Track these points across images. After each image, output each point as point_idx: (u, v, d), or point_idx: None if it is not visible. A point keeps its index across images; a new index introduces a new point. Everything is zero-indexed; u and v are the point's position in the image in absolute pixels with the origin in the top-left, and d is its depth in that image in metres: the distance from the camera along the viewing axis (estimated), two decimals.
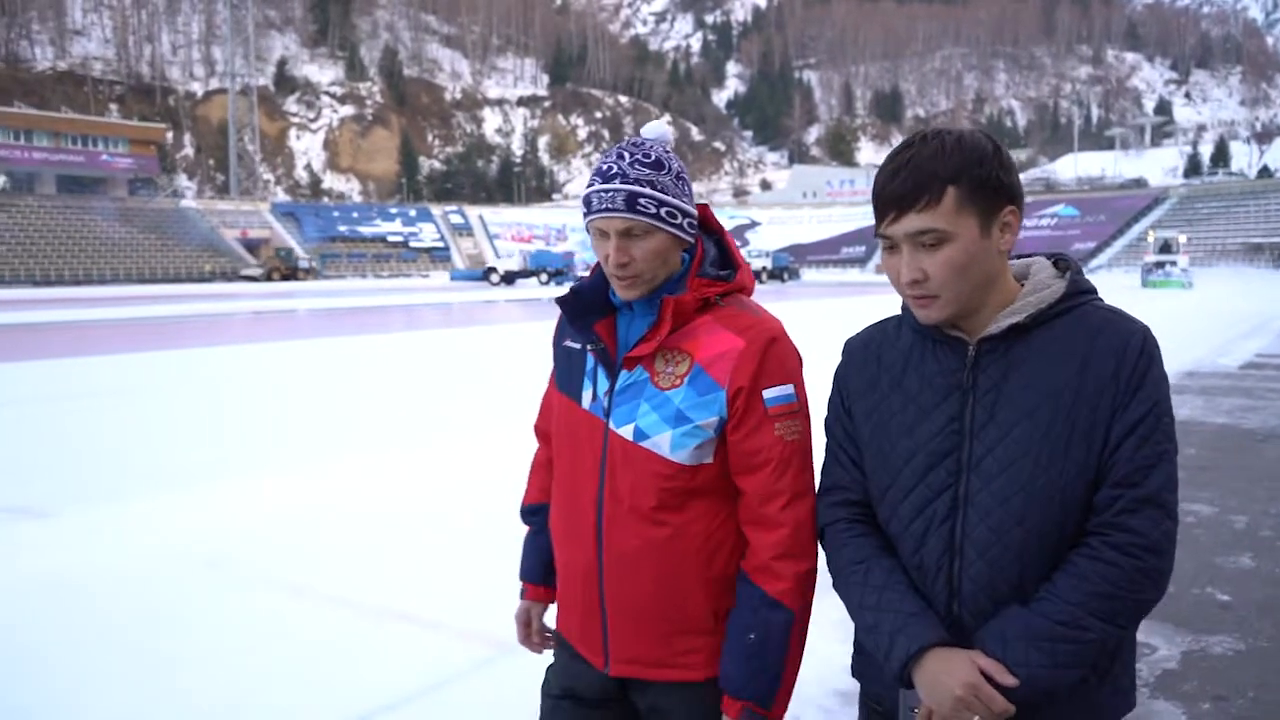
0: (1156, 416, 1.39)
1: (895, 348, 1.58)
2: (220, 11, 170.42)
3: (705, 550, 1.69)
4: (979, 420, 1.45)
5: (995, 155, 1.42)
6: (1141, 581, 1.36)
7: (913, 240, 1.42)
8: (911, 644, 1.43)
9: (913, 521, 1.50)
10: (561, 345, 1.84)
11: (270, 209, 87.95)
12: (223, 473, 6.84)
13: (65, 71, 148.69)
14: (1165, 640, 3.82)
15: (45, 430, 8.83)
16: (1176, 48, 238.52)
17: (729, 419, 1.66)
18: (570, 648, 1.84)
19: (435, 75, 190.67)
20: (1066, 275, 1.50)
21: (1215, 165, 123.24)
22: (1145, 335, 1.42)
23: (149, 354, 16.38)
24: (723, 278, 1.73)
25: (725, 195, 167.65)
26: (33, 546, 5.13)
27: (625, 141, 1.70)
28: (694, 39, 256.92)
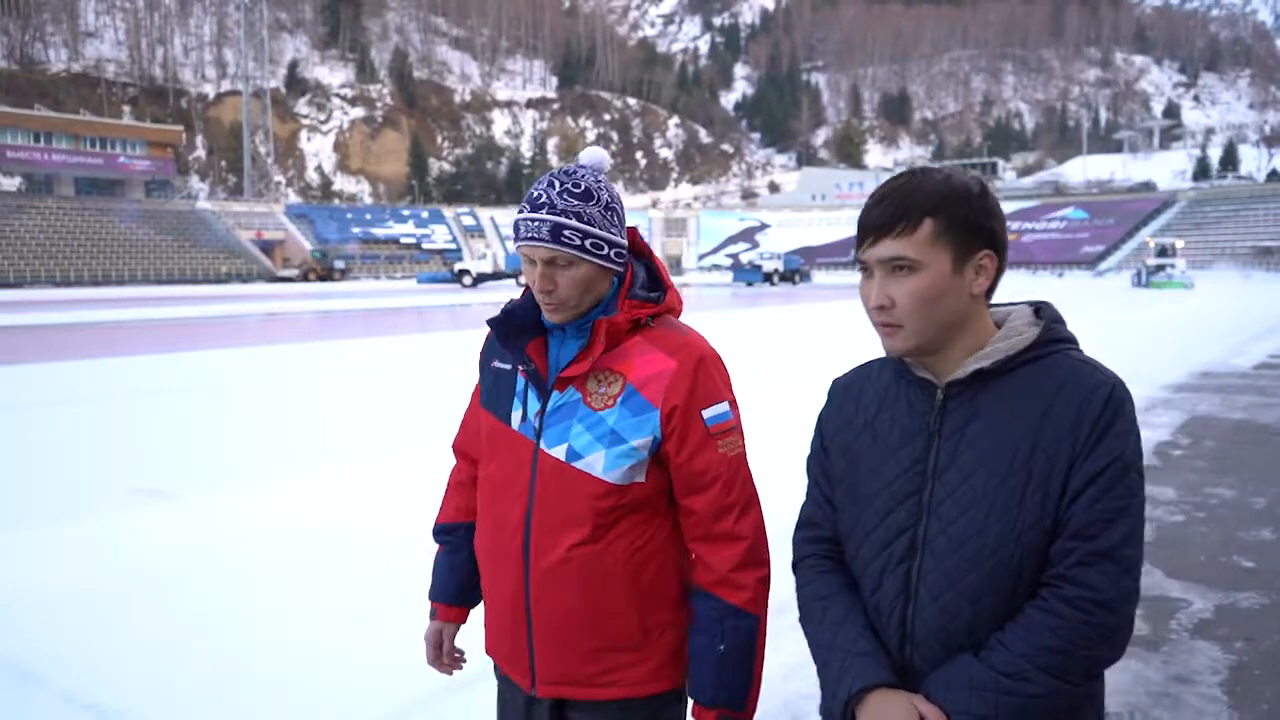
0: (1120, 469, 1.36)
1: (874, 387, 1.59)
2: (232, 14, 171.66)
3: (632, 565, 1.71)
4: (942, 463, 1.45)
5: (980, 198, 1.43)
6: (1091, 637, 1.34)
7: (885, 266, 1.43)
8: (855, 683, 1.43)
9: (873, 561, 1.50)
10: (490, 365, 1.85)
11: (284, 211, 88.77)
12: (241, 477, 6.83)
13: (79, 74, 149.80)
14: (1199, 597, 4.42)
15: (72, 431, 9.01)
16: (1185, 50, 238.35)
17: (664, 439, 1.68)
18: (498, 669, 1.86)
19: (445, 77, 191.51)
20: (1042, 324, 1.49)
21: (1224, 169, 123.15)
22: (1114, 387, 1.39)
23: (214, 351, 17.04)
24: (652, 299, 1.76)
25: (734, 197, 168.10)
26: (46, 549, 5.11)
27: (558, 169, 1.72)
28: (702, 41, 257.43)
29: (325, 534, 5.42)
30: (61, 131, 77.84)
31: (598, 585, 1.71)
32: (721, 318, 25.76)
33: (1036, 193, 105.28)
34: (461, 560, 1.94)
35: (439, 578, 1.98)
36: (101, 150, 78.94)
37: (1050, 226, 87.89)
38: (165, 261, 71.30)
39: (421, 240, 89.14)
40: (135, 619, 4.16)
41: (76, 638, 3.94)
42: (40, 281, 63.22)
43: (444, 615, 1.97)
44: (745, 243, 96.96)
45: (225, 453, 7.96)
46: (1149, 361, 13.63)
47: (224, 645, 3.86)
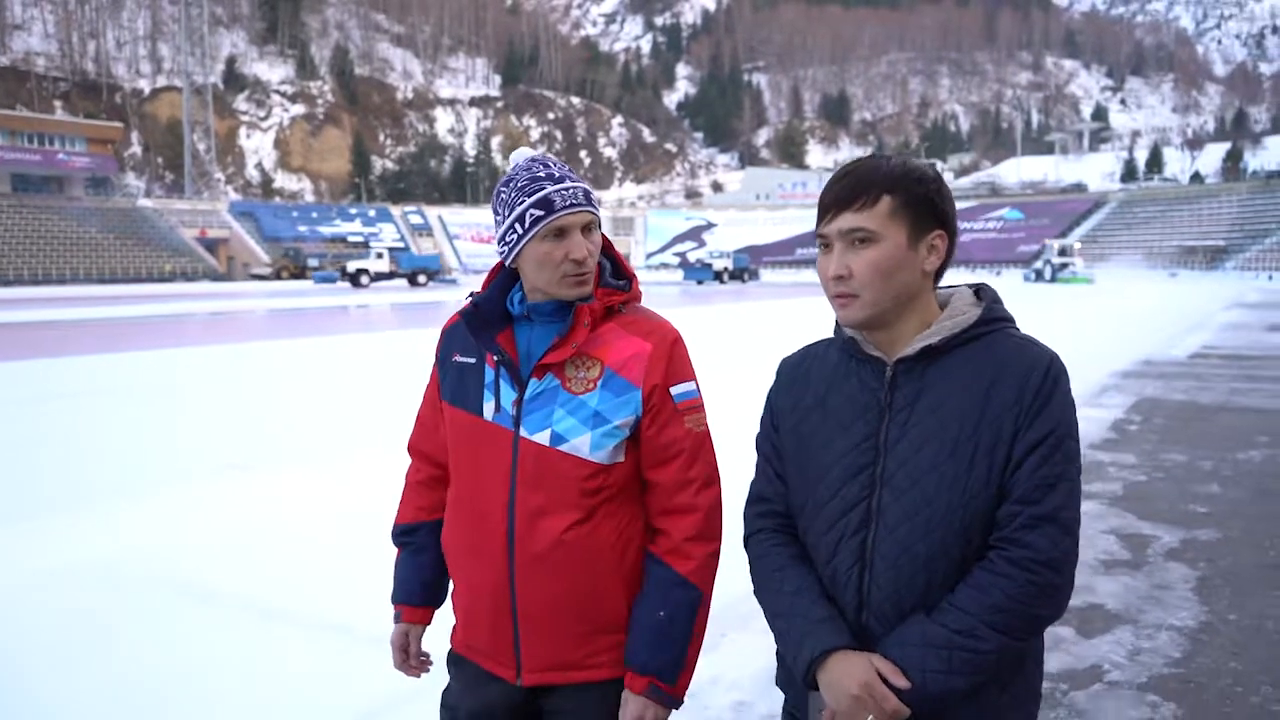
0: (1058, 439, 1.44)
1: (823, 366, 1.66)
2: (166, 8, 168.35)
3: (618, 547, 1.76)
4: (892, 437, 1.52)
5: (935, 181, 1.53)
6: (1036, 595, 1.42)
7: (844, 238, 1.52)
8: (816, 647, 1.50)
9: (827, 532, 1.56)
10: (451, 360, 1.87)
11: (228, 208, 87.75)
12: (224, 474, 6.75)
13: (7, 67, 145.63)
14: (1166, 533, 5.42)
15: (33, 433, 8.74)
16: (1112, 55, 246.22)
17: (644, 416, 1.75)
18: (471, 666, 1.85)
19: (386, 75, 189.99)
20: (983, 303, 1.58)
21: (1150, 171, 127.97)
22: (1051, 361, 1.49)
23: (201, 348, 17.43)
24: (621, 287, 1.82)
25: (678, 197, 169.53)
26: (14, 552, 5.04)
27: (531, 159, 1.79)
28: (644, 40, 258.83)
29: (291, 534, 5.34)
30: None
31: (587, 568, 1.74)
32: (677, 314, 26.58)
33: (974, 193, 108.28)
34: (425, 560, 1.94)
35: (402, 579, 1.97)
36: (40, 146, 77.30)
37: (988, 226, 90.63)
38: (108, 260, 70.17)
39: (369, 239, 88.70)
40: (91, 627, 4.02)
41: (42, 638, 3.88)
42: None
43: (409, 617, 1.96)
44: (692, 241, 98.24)
45: (205, 450, 7.77)
46: (1096, 351, 14.86)
47: (189, 648, 3.77)
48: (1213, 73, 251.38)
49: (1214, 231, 75.16)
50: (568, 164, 1.50)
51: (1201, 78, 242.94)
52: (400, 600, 1.97)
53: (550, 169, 1.75)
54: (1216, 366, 13.73)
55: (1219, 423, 9.10)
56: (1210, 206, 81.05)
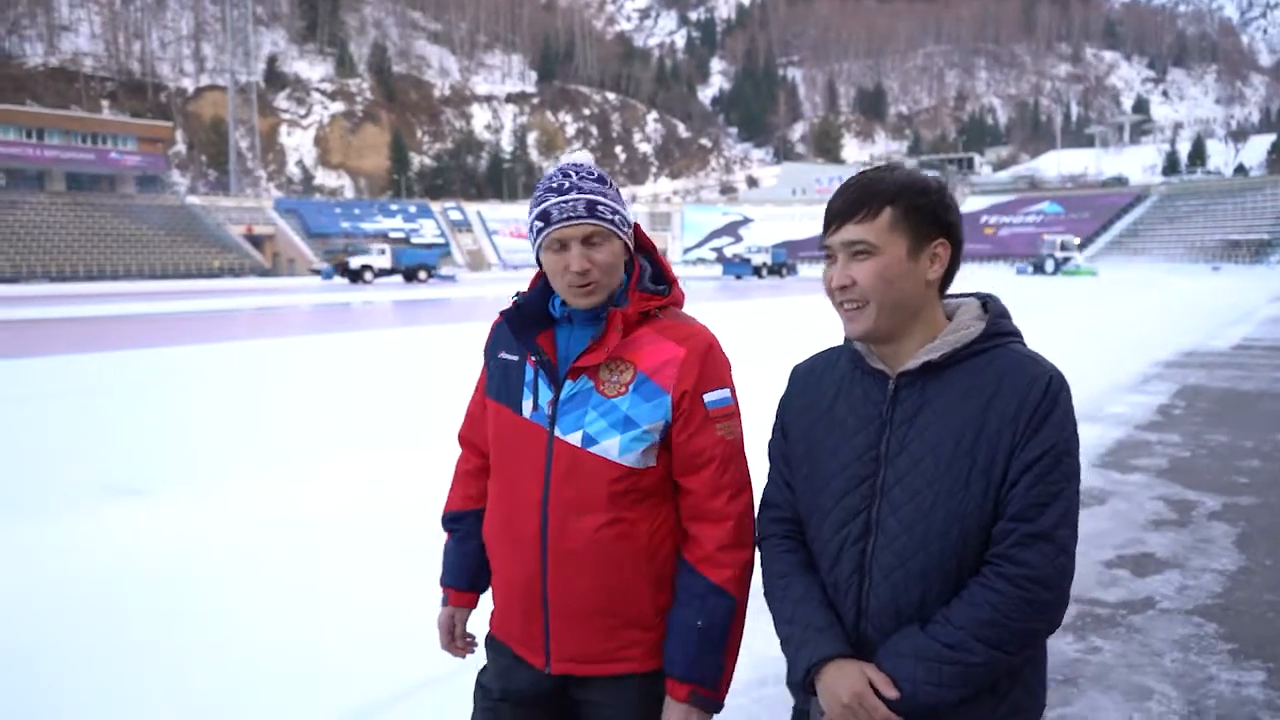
0: (1055, 457, 1.45)
1: (832, 376, 1.68)
2: (208, 8, 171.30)
3: (649, 549, 1.79)
4: (893, 450, 1.54)
5: (938, 192, 1.55)
6: (1027, 612, 1.43)
7: (846, 249, 1.54)
8: (814, 655, 1.54)
9: (830, 541, 1.59)
10: (497, 357, 1.92)
11: (273, 205, 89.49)
12: (226, 472, 6.79)
13: (56, 68, 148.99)
14: (1210, 499, 6.06)
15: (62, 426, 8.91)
16: (1153, 46, 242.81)
17: (674, 422, 1.77)
18: (507, 651, 1.91)
19: (424, 72, 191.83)
20: (988, 318, 1.58)
21: (1193, 163, 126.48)
22: (1051, 379, 1.49)
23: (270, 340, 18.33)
24: (659, 292, 1.85)
25: (713, 192, 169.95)
26: (31, 547, 5.08)
27: (566, 165, 1.84)
28: (678, 35, 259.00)
29: (316, 526, 5.44)
30: (53, 127, 78.22)
31: (617, 567, 1.77)
32: (716, 309, 27.23)
33: (1012, 187, 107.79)
34: (471, 548, 2.01)
35: (449, 564, 2.05)
36: (93, 146, 79.38)
37: (1026, 220, 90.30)
38: (159, 256, 71.94)
39: (410, 234, 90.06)
40: (113, 615, 4.14)
41: (43, 636, 3.91)
42: (36, 276, 63.78)
43: (455, 601, 2.04)
44: (729, 237, 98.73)
45: (241, 444, 7.92)
46: (1140, 342, 15.43)
47: (198, 639, 3.86)
48: (1258, 63, 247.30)
49: (1258, 225, 74.46)
50: (599, 161, 1.66)
51: (1246, 68, 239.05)
52: (447, 584, 2.05)
53: (563, 180, 1.78)
54: (1259, 357, 14.20)
55: (1260, 408, 9.65)
56: (1254, 200, 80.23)
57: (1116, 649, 3.81)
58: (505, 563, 1.88)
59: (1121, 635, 3.95)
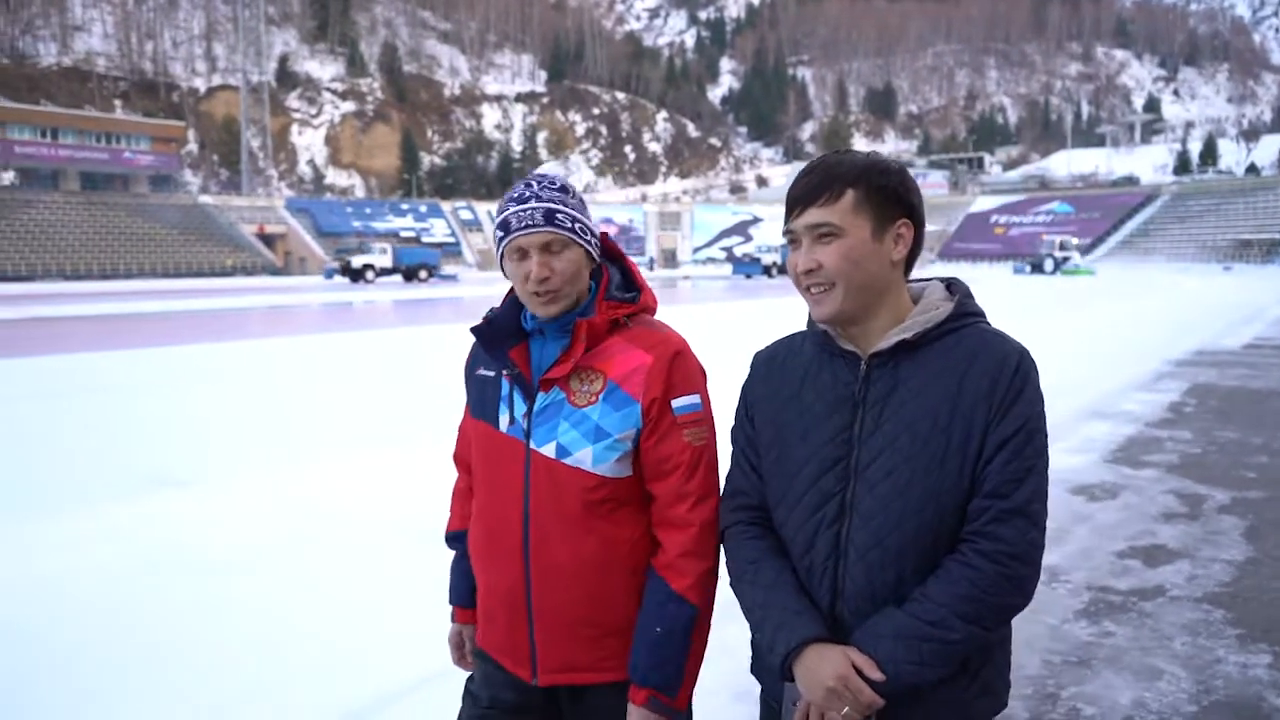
0: (1028, 433, 1.47)
1: (797, 360, 1.67)
2: (220, 8, 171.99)
3: (631, 557, 1.80)
4: (867, 430, 1.54)
5: (899, 173, 1.56)
6: (1005, 586, 1.45)
7: (811, 233, 1.54)
8: (792, 639, 1.52)
9: (804, 525, 1.58)
10: (475, 374, 1.93)
11: (285, 205, 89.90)
12: (233, 469, 6.81)
13: (70, 68, 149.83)
14: (1220, 493, 6.21)
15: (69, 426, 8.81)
16: (1165, 45, 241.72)
17: (644, 429, 1.77)
18: (493, 662, 1.91)
19: (434, 71, 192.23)
20: (955, 298, 1.59)
21: (1204, 163, 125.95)
22: (1021, 356, 1.51)
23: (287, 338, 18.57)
24: (628, 299, 1.85)
25: (722, 191, 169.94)
26: (31, 546, 5.03)
27: (529, 175, 1.85)
28: (688, 35, 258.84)
29: (348, 519, 5.44)
30: (67, 126, 78.73)
31: (598, 575, 1.78)
32: (724, 309, 27.41)
33: (1022, 187, 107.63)
34: (470, 566, 2.01)
35: (454, 582, 2.08)
36: (106, 145, 79.89)
37: (1037, 220, 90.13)
38: (172, 255, 72.35)
39: (421, 234, 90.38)
40: (136, 608, 4.17)
41: (71, 629, 3.93)
42: (51, 275, 64.21)
43: (462, 618, 2.06)
44: (739, 236, 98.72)
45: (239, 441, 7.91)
46: (1151, 341, 15.53)
47: (214, 633, 3.87)
48: (1270, 62, 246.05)
49: (1270, 225, 74.17)
50: (609, 161, 1.71)
51: (1258, 67, 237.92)
52: (454, 602, 2.09)
53: (527, 189, 1.79)
54: (1269, 356, 14.31)
55: (1270, 406, 9.78)
56: (1266, 199, 79.94)
57: (1128, 633, 3.97)
58: (489, 575, 1.89)
59: (1133, 620, 4.11)
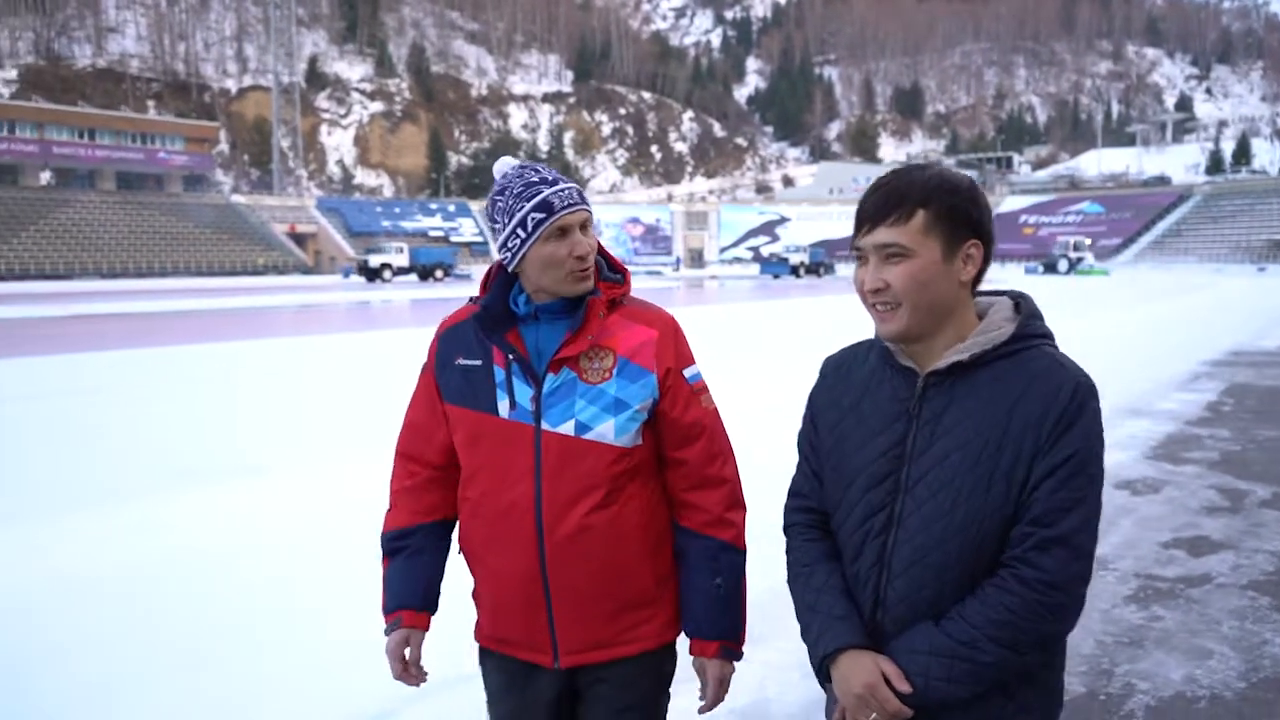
0: (1079, 463, 1.46)
1: (861, 370, 1.69)
2: (250, 9, 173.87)
3: (643, 525, 1.86)
4: (919, 447, 1.55)
5: (969, 191, 1.55)
6: (1041, 614, 1.46)
7: (879, 252, 1.54)
8: (830, 644, 1.58)
9: (854, 533, 1.62)
10: (454, 364, 1.90)
11: (316, 204, 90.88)
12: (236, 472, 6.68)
13: (104, 69, 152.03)
14: (1261, 488, 6.38)
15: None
16: (1197, 43, 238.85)
17: (660, 399, 1.85)
18: (508, 661, 1.92)
19: (461, 72, 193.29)
20: (1019, 319, 1.58)
21: (1237, 162, 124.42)
22: (1079, 384, 1.49)
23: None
24: (617, 280, 1.92)
25: (749, 191, 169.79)
26: (47, 546, 5.02)
27: (520, 166, 1.87)
28: (714, 34, 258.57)
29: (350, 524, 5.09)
30: (103, 127, 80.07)
31: (616, 547, 1.82)
32: (754, 307, 27.57)
33: (1052, 186, 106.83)
34: (425, 562, 1.95)
35: (399, 585, 1.95)
36: (142, 146, 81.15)
37: (1067, 220, 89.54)
38: (205, 254, 73.44)
39: (449, 233, 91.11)
40: (148, 609, 4.14)
41: (77, 630, 3.91)
42: (88, 273, 65.36)
43: (411, 621, 1.93)
44: (765, 236, 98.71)
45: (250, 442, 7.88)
46: (1187, 342, 15.59)
47: (220, 640, 3.81)
48: None
49: None
50: (635, 161, 1.86)
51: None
52: (399, 606, 1.94)
53: (543, 174, 1.83)
54: None
55: None
56: None
57: (1177, 617, 4.17)
58: (496, 566, 1.87)
59: (1181, 606, 4.30)
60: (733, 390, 5.54)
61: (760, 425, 5.80)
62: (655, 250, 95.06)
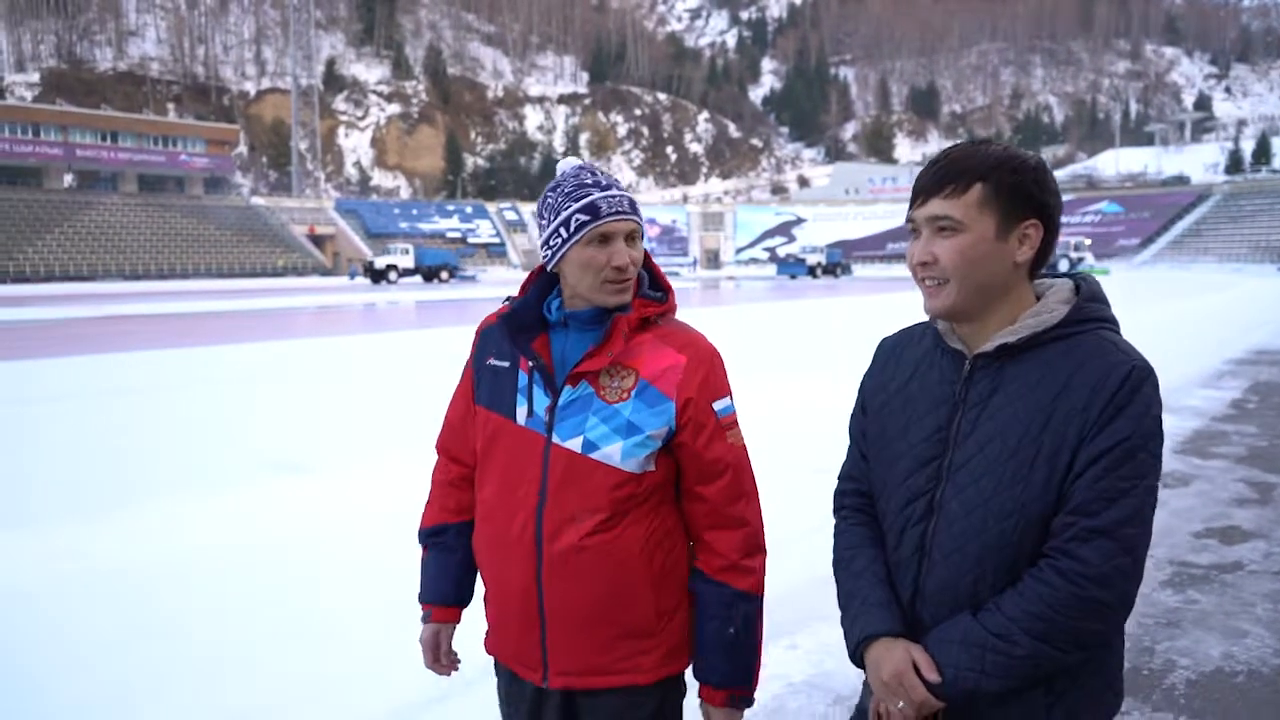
0: (1128, 450, 1.38)
1: (913, 353, 1.65)
2: (269, 12, 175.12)
3: (646, 550, 1.77)
4: (963, 432, 1.51)
5: (1035, 170, 1.48)
6: (1080, 609, 1.39)
7: (931, 224, 1.49)
8: (865, 630, 1.56)
9: (895, 519, 1.59)
10: (486, 364, 1.88)
11: (334, 206, 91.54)
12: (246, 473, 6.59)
13: (125, 72, 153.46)
14: None
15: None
16: (1216, 42, 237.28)
17: (679, 429, 1.76)
18: (505, 671, 1.90)
19: (478, 74, 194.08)
20: (1075, 301, 1.51)
21: (1257, 162, 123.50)
22: (1134, 369, 1.41)
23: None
24: (658, 299, 1.83)
25: (764, 192, 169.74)
26: (73, 546, 4.90)
27: (579, 166, 1.81)
28: (729, 35, 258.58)
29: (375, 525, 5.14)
30: (126, 130, 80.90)
31: (614, 572, 1.75)
32: (772, 309, 27.71)
33: (1070, 186, 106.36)
34: (455, 560, 1.96)
35: (431, 579, 1.98)
36: (164, 148, 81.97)
37: (1085, 220, 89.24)
38: (226, 256, 74.10)
39: (466, 234, 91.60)
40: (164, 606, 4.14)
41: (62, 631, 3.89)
42: (111, 275, 66.05)
43: (439, 616, 1.96)
44: (782, 237, 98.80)
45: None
46: (1209, 342, 15.69)
47: (232, 636, 3.82)
48: None
49: None
50: (650, 162, 1.88)
51: None
52: (430, 600, 1.98)
53: (598, 177, 1.78)
54: None
55: None
56: None
57: (1212, 600, 4.37)
58: (499, 574, 1.85)
59: (1215, 590, 4.51)
60: (767, 389, 5.63)
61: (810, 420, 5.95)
62: (672, 251, 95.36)
